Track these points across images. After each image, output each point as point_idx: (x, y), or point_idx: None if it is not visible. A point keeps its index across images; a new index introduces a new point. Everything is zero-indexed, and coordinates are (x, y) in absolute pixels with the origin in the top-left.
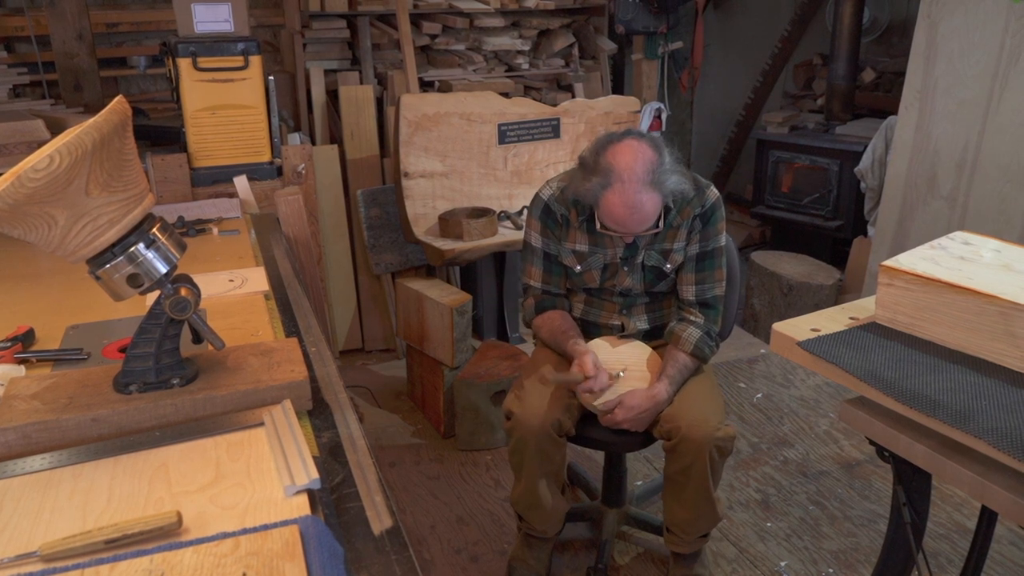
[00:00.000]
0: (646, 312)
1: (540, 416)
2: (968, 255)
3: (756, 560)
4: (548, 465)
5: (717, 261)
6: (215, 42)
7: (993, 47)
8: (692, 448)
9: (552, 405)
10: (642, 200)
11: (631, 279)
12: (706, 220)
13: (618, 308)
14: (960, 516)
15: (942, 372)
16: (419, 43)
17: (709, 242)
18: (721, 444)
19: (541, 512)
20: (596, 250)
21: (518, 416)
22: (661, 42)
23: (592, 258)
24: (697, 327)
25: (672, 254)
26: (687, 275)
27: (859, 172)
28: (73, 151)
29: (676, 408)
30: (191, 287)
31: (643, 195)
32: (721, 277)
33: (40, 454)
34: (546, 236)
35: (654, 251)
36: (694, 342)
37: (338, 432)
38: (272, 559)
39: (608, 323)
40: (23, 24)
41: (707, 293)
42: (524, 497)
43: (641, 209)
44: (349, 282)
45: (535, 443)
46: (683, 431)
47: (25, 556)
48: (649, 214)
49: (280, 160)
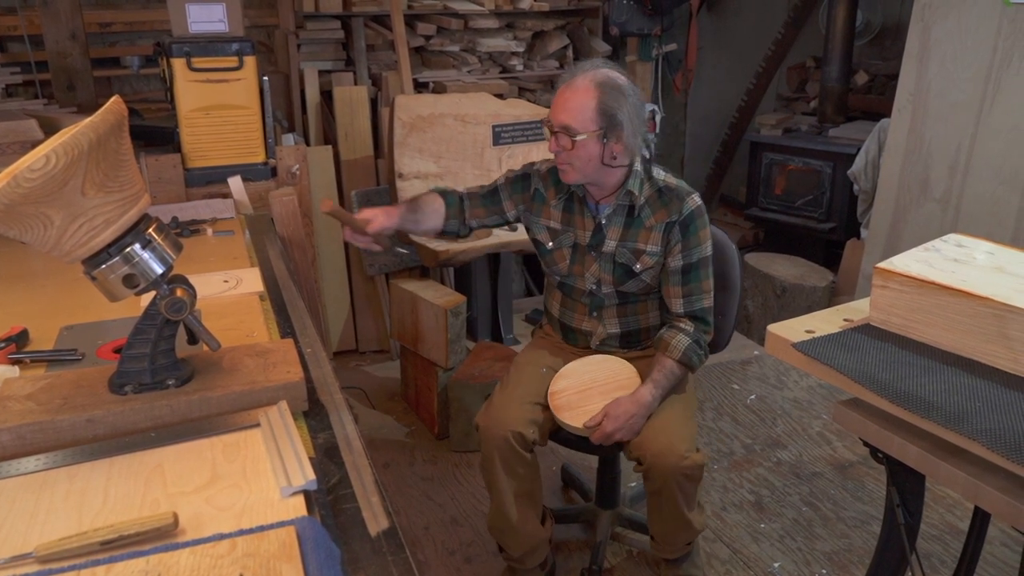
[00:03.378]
0: (617, 316)
1: (503, 426)
2: (961, 257)
3: (749, 561)
4: (519, 484)
5: (703, 272)
6: (209, 42)
7: (985, 50)
8: (659, 476)
9: (516, 416)
10: (580, 83)
11: (599, 267)
12: (686, 229)
13: (587, 310)
14: (953, 517)
15: (936, 374)
16: (413, 44)
17: (692, 253)
18: (689, 473)
19: (515, 536)
20: (568, 229)
21: (482, 427)
22: (655, 44)
23: (563, 236)
24: (687, 335)
25: (644, 255)
26: (673, 288)
27: (852, 174)
28: (69, 151)
29: (645, 434)
30: (187, 288)
31: (583, 80)
32: (708, 288)
33: (35, 455)
34: (508, 187)
35: (625, 248)
36: (683, 349)
37: (334, 433)
38: (269, 560)
39: (581, 327)
40: (16, 23)
41: (695, 305)
42: (498, 519)
43: (572, 85)
44: (343, 283)
45: (499, 456)
46: (649, 460)
47: (21, 557)
48: (575, 99)
49: (274, 161)
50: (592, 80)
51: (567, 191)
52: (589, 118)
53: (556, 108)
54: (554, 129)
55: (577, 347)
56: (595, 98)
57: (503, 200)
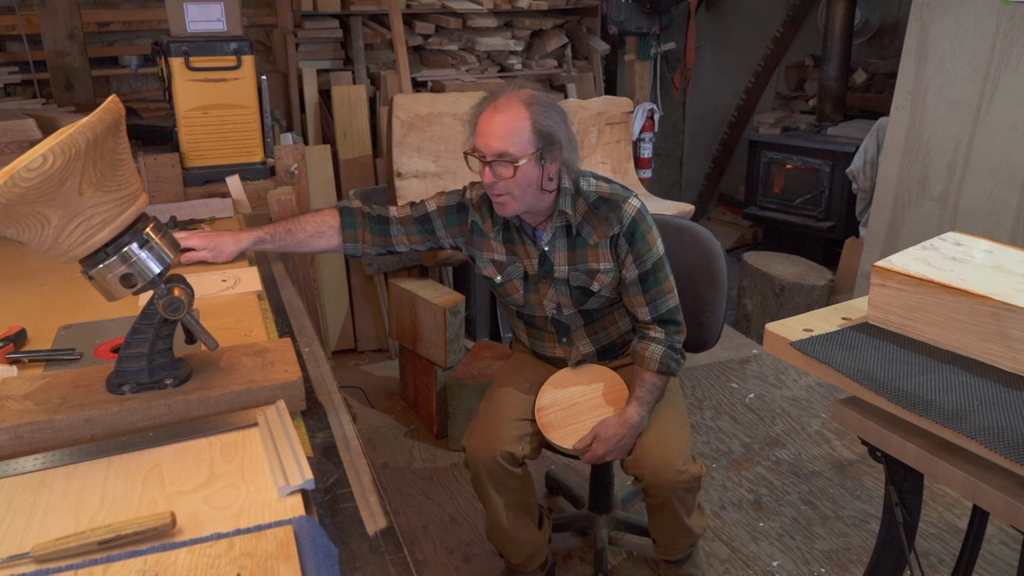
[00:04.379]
0: (588, 336)
1: (489, 449)
2: (960, 256)
3: (748, 560)
4: (511, 496)
5: (660, 275)
6: (207, 41)
7: (984, 49)
8: (659, 491)
9: (500, 436)
10: (508, 106)
11: (555, 292)
12: (632, 238)
13: (556, 338)
14: (951, 516)
15: (934, 372)
16: (412, 43)
17: (645, 259)
18: (687, 485)
19: (513, 545)
20: (514, 259)
21: (468, 450)
22: (654, 43)
23: (511, 267)
24: (659, 343)
25: (599, 274)
26: (636, 298)
27: (851, 173)
28: (67, 150)
29: (640, 451)
30: (184, 287)
31: (511, 102)
32: (670, 288)
33: (33, 455)
34: (442, 218)
35: (578, 271)
36: (658, 359)
37: (332, 432)
38: (266, 560)
39: (553, 355)
40: (14, 23)
41: (660, 309)
42: (495, 530)
43: (502, 111)
44: (342, 282)
45: (487, 475)
46: (648, 477)
47: (18, 557)
48: (508, 124)
49: (273, 160)
50: (519, 100)
51: (503, 220)
52: (526, 140)
53: (487, 135)
54: (487, 159)
55: (555, 366)
56: (528, 119)
57: (436, 230)
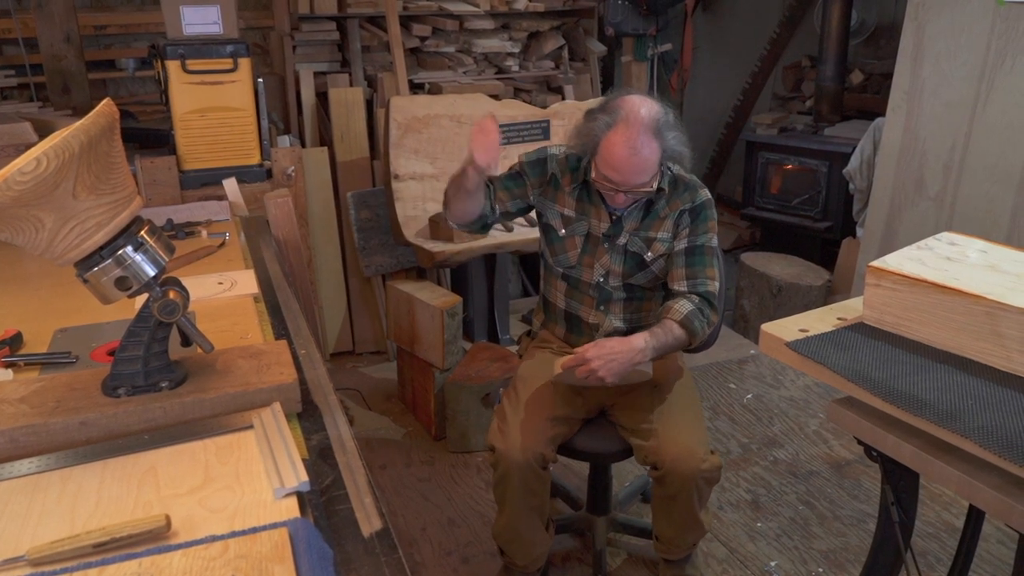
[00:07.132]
0: (624, 311)
1: (523, 450)
2: (954, 255)
3: (746, 560)
4: (532, 499)
5: (707, 259)
6: (204, 44)
7: (979, 49)
8: (678, 481)
9: (535, 438)
10: (644, 143)
11: (610, 258)
12: (696, 216)
13: (595, 303)
14: (948, 515)
15: (929, 372)
16: (409, 45)
17: (698, 237)
18: (708, 476)
19: (522, 547)
20: (582, 218)
21: (500, 451)
22: (650, 44)
23: (577, 224)
24: (691, 302)
25: (655, 243)
26: (677, 269)
27: (847, 173)
28: (60, 154)
29: (660, 438)
30: (180, 290)
31: (645, 138)
32: (713, 276)
33: (28, 458)
34: (528, 170)
35: (638, 237)
36: (686, 313)
37: (327, 434)
38: (261, 562)
39: (588, 320)
40: (10, 26)
41: (699, 288)
42: (506, 531)
43: (640, 152)
44: (339, 285)
45: (519, 477)
46: (667, 465)
47: (13, 560)
48: (647, 161)
49: (269, 162)
50: (649, 131)
51: (582, 180)
52: (657, 163)
53: (624, 173)
54: (622, 190)
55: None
56: (658, 150)
57: (526, 183)
